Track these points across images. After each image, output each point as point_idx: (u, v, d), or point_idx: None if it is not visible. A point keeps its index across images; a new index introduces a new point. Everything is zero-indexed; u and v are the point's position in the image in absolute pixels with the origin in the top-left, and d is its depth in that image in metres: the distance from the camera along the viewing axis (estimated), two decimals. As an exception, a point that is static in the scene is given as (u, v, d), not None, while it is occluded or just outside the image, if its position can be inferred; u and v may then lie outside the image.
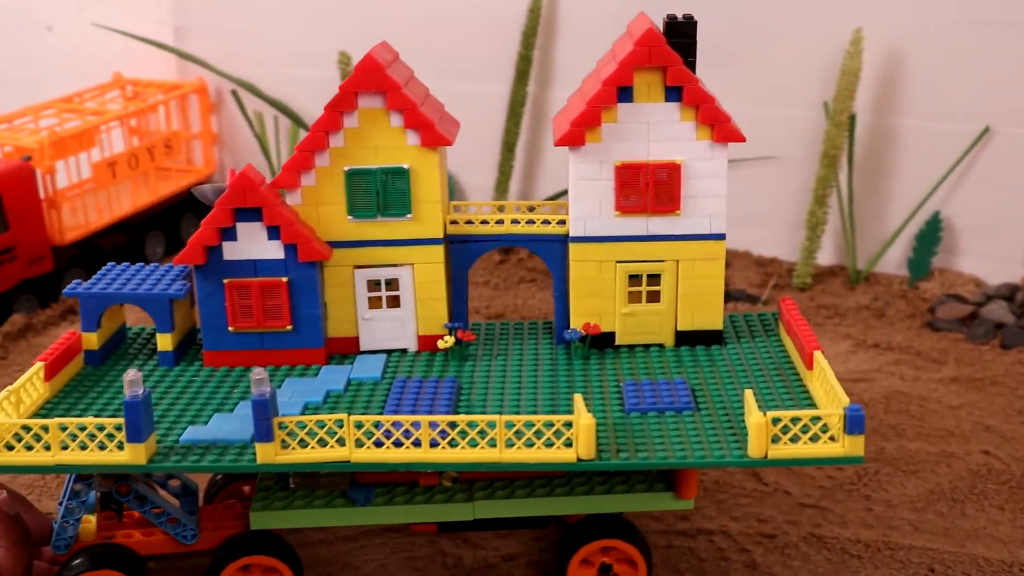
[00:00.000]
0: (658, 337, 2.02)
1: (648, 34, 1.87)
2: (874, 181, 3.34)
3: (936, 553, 2.11)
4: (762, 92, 3.35)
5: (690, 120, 1.91)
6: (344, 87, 1.90)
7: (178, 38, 4.00)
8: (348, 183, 1.94)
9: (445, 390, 1.86)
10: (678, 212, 1.94)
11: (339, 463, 1.68)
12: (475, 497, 1.86)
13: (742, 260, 3.44)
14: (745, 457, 1.66)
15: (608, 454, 1.67)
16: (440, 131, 1.92)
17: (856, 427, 1.63)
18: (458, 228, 2.01)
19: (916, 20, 3.17)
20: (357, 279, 1.99)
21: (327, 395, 1.88)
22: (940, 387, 2.73)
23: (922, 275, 3.28)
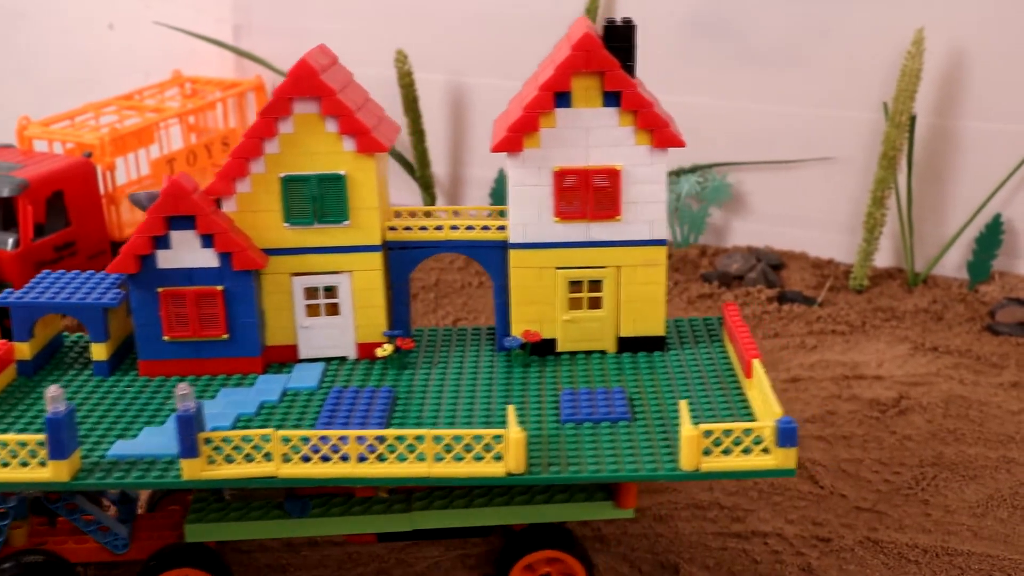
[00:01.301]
0: (600, 344, 1.98)
1: (585, 39, 1.83)
2: (933, 183, 3.29)
3: (996, 560, 2.06)
4: (821, 93, 3.31)
5: (629, 125, 1.87)
6: (278, 93, 1.86)
7: (237, 36, 4.03)
8: (284, 190, 1.90)
9: (380, 401, 1.82)
10: (618, 218, 1.91)
11: (266, 479, 1.64)
12: (413, 507, 1.82)
13: (798, 261, 3.41)
14: (677, 470, 1.62)
15: (539, 467, 1.64)
16: (376, 137, 1.88)
17: (788, 440, 1.59)
18: (397, 235, 1.97)
19: (978, 20, 3.12)
20: (295, 287, 1.95)
21: (260, 406, 1.83)
22: (1000, 392, 2.69)
23: (982, 278, 3.23)
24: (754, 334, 2.98)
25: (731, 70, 3.40)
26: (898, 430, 2.50)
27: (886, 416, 2.56)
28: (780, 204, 3.45)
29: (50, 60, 4.20)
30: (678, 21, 3.43)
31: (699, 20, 3.40)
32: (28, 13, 4.21)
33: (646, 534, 2.13)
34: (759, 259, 3.35)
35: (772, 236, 3.48)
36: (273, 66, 3.90)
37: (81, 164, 3.09)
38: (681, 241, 3.51)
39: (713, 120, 3.46)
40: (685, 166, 3.49)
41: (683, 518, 2.18)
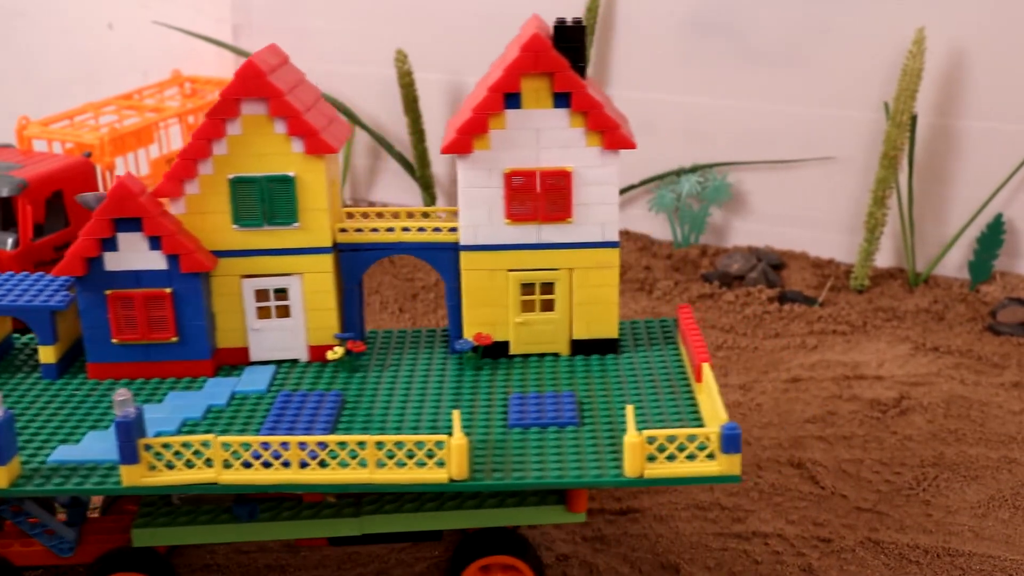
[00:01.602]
0: (553, 346, 1.96)
1: (534, 39, 1.81)
2: (935, 183, 3.28)
3: (997, 561, 2.06)
4: (821, 92, 3.31)
5: (580, 127, 1.85)
6: (225, 94, 1.84)
7: (236, 36, 4.03)
8: (232, 192, 1.88)
9: (328, 406, 1.80)
10: (570, 220, 1.89)
11: (206, 485, 1.62)
12: (363, 512, 1.80)
13: (799, 261, 3.40)
14: (621, 477, 1.60)
15: (483, 474, 1.62)
16: (325, 138, 1.86)
17: (732, 446, 1.57)
18: (348, 236, 1.95)
19: (979, 19, 3.11)
20: (245, 289, 1.93)
21: (208, 410, 1.81)
22: (1001, 392, 2.68)
23: (983, 278, 3.23)
24: (754, 334, 2.98)
25: (732, 70, 3.40)
26: (899, 430, 2.50)
27: (887, 416, 2.55)
28: (781, 204, 3.45)
29: (49, 60, 4.20)
30: (679, 21, 3.43)
31: (700, 20, 3.40)
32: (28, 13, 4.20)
33: (647, 534, 2.13)
34: (760, 259, 3.34)
35: (773, 236, 3.48)
36: (273, 66, 3.90)
37: (81, 164, 3.08)
38: (682, 241, 3.51)
39: (714, 120, 3.45)
40: (686, 166, 3.49)
41: (684, 518, 2.18)
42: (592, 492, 2.25)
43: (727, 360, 2.84)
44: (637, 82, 3.53)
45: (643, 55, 3.51)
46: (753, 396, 2.64)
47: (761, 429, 2.50)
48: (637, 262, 3.41)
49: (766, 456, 2.39)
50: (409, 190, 3.83)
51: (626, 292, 3.26)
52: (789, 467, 2.36)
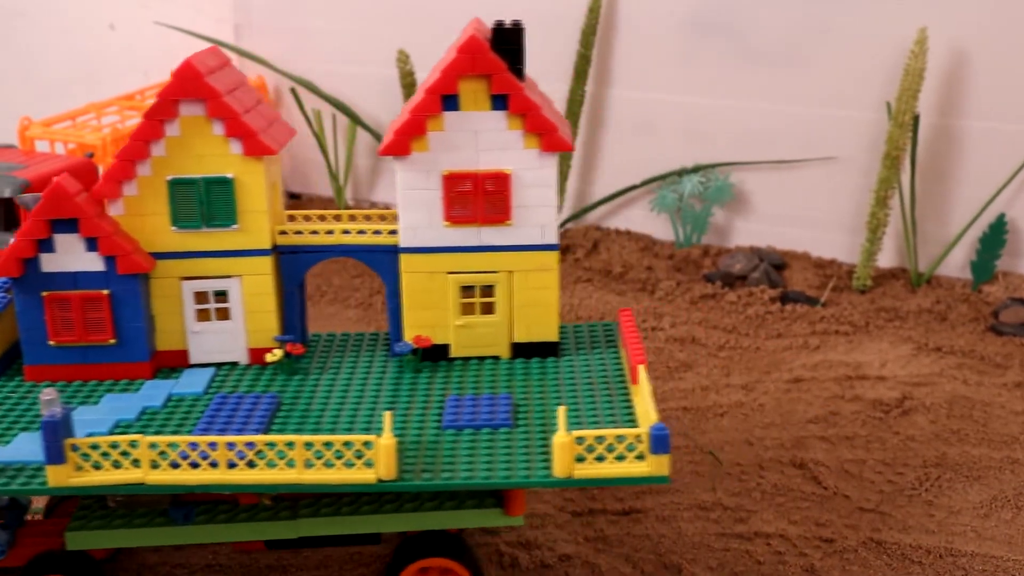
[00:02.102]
0: (493, 349, 1.94)
1: (470, 41, 1.80)
2: (937, 183, 3.27)
3: (999, 561, 2.05)
4: (823, 93, 3.31)
5: (518, 129, 1.83)
6: (162, 95, 1.82)
7: (238, 36, 4.03)
8: (171, 193, 1.86)
9: (262, 407, 1.78)
10: (509, 222, 1.87)
11: (134, 485, 1.60)
12: (300, 515, 1.79)
13: (801, 262, 3.40)
14: (550, 477, 1.59)
15: (412, 474, 1.60)
16: (264, 140, 1.84)
17: (661, 446, 1.56)
18: (288, 239, 1.93)
19: (981, 20, 3.10)
20: (184, 291, 1.91)
21: (142, 412, 1.79)
22: (1004, 392, 2.68)
23: (985, 278, 3.22)
24: (756, 334, 2.98)
25: (733, 70, 3.40)
26: (901, 431, 2.49)
27: (889, 416, 2.55)
28: (783, 204, 3.45)
29: (51, 60, 4.19)
30: (680, 21, 3.42)
31: (701, 20, 3.39)
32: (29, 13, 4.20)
33: (649, 535, 2.13)
34: (762, 259, 3.34)
35: (775, 236, 3.47)
36: (274, 65, 3.90)
37: (83, 164, 3.08)
38: (684, 241, 3.51)
39: (715, 120, 3.45)
40: (687, 166, 3.49)
41: (686, 519, 2.17)
42: (593, 493, 2.25)
43: (729, 360, 2.84)
44: (639, 82, 3.53)
45: (645, 55, 3.50)
46: (755, 396, 2.64)
47: (763, 429, 2.50)
48: (639, 262, 3.41)
49: (768, 456, 2.39)
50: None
51: (628, 293, 3.26)
52: (791, 467, 2.35)
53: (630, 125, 3.57)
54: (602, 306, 3.14)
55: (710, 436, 2.47)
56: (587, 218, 3.72)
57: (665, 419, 2.52)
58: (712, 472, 2.33)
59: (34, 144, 3.29)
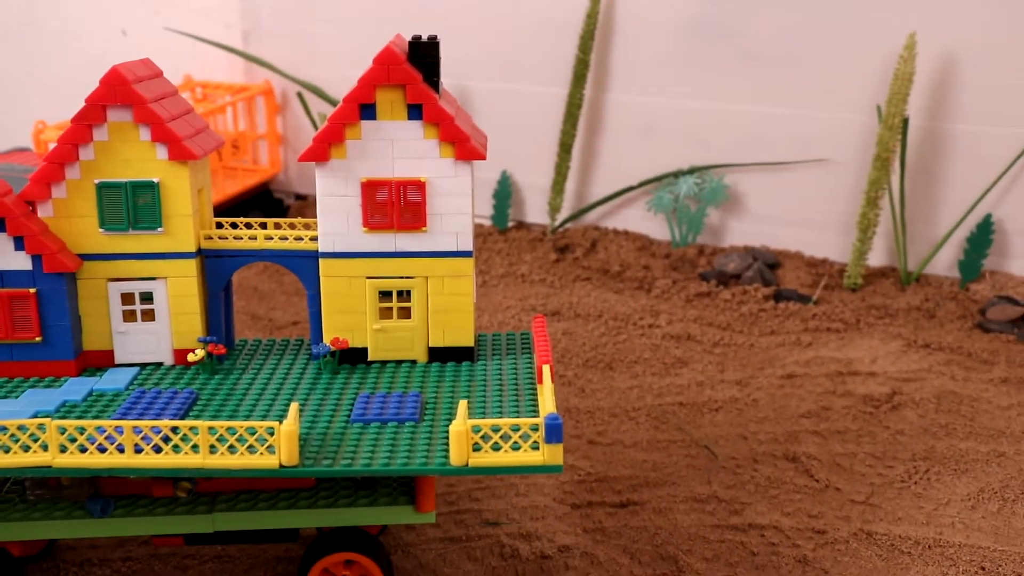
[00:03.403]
0: (411, 353, 1.96)
1: (385, 53, 1.82)
2: (926, 184, 3.29)
3: (986, 552, 2.07)
4: (816, 95, 3.32)
5: (433, 138, 1.86)
6: (90, 100, 1.84)
7: (246, 42, 4.04)
8: (99, 196, 1.87)
9: (178, 401, 1.79)
10: (424, 229, 1.89)
11: (40, 468, 1.61)
12: (216, 509, 1.80)
13: (793, 261, 3.41)
14: (447, 465, 1.61)
15: (314, 461, 1.62)
16: (188, 146, 1.85)
17: (554, 436, 1.58)
18: (213, 243, 1.94)
19: (969, 25, 3.12)
20: (111, 292, 1.91)
21: (61, 405, 1.79)
22: (991, 387, 2.70)
23: (973, 277, 3.24)
24: (750, 331, 2.99)
25: (727, 73, 3.41)
26: (891, 425, 2.51)
27: (879, 411, 2.56)
28: (776, 205, 3.46)
29: (65, 66, 4.21)
30: (676, 25, 3.43)
31: (697, 25, 3.40)
32: (44, 21, 4.21)
33: (646, 527, 2.14)
34: (756, 258, 3.35)
35: (768, 236, 3.48)
36: (281, 70, 3.91)
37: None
38: (680, 241, 3.52)
39: (710, 122, 3.46)
40: (683, 167, 3.50)
41: (682, 511, 2.19)
42: (592, 486, 2.26)
43: (724, 357, 2.85)
44: (636, 86, 3.54)
45: (642, 59, 3.51)
46: (749, 392, 2.65)
47: (757, 424, 2.51)
48: (636, 261, 3.42)
49: (762, 450, 2.40)
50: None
51: (625, 291, 3.27)
52: (784, 461, 2.36)
53: (627, 128, 3.58)
54: (600, 304, 3.15)
55: (705, 431, 2.48)
56: (586, 218, 3.73)
57: (662, 414, 2.54)
58: (707, 466, 2.34)
59: (48, 147, 3.30)
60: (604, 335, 2.96)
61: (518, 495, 2.24)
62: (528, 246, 3.59)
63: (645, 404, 2.59)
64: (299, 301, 3.26)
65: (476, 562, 2.05)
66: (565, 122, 3.56)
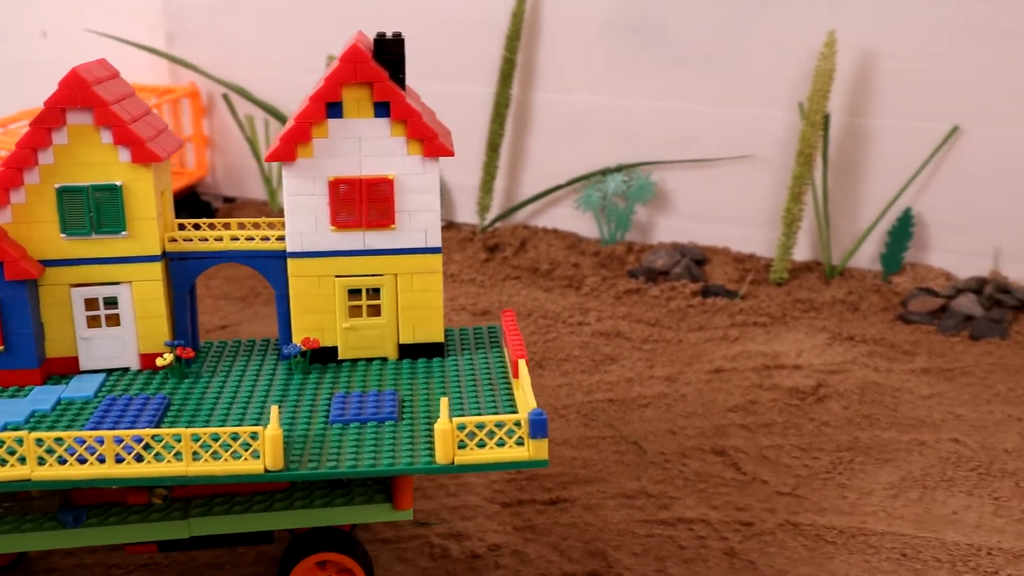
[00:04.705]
0: (381, 351, 1.95)
1: (352, 50, 1.81)
2: (848, 179, 3.34)
3: (908, 539, 2.10)
4: (740, 93, 3.35)
5: (400, 135, 1.85)
6: (49, 103, 1.81)
7: (170, 43, 3.98)
8: (60, 201, 1.83)
9: (152, 407, 1.77)
10: (393, 226, 1.88)
11: (20, 482, 1.58)
12: (191, 514, 1.77)
13: (721, 256, 3.44)
14: (433, 463, 1.61)
15: (298, 464, 1.61)
16: (151, 148, 1.83)
17: (539, 431, 1.59)
18: (177, 245, 1.92)
19: (887, 23, 3.17)
20: (74, 298, 1.88)
21: (31, 415, 1.75)
22: (912, 377, 2.74)
23: (894, 270, 3.29)
24: (679, 327, 3.02)
25: (655, 71, 3.43)
26: (816, 417, 2.54)
27: (805, 403, 2.60)
28: (703, 201, 3.49)
29: (-17, 68, 4.13)
30: (602, 25, 3.45)
31: (623, 23, 3.42)
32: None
33: (576, 523, 2.15)
34: (683, 254, 3.38)
35: (695, 232, 3.51)
36: (206, 72, 3.87)
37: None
38: (608, 238, 3.54)
39: (637, 120, 3.48)
40: (611, 165, 3.52)
41: (611, 507, 2.20)
42: (522, 484, 2.26)
43: (653, 353, 2.87)
44: (563, 85, 3.55)
45: (568, 58, 3.52)
46: (678, 387, 2.67)
47: (686, 419, 2.53)
48: (566, 259, 3.44)
49: (691, 445, 2.42)
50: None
51: (555, 289, 3.28)
52: (712, 455, 2.39)
53: (555, 127, 3.60)
54: (530, 302, 3.16)
55: (635, 427, 2.50)
56: (515, 217, 3.74)
57: (591, 411, 2.55)
58: (637, 461, 2.36)
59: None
60: (534, 333, 2.97)
61: (448, 495, 2.24)
62: (458, 246, 3.59)
63: (575, 401, 2.60)
64: (226, 305, 3.22)
65: (406, 563, 2.04)
66: (493, 121, 3.56)
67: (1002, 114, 3.09)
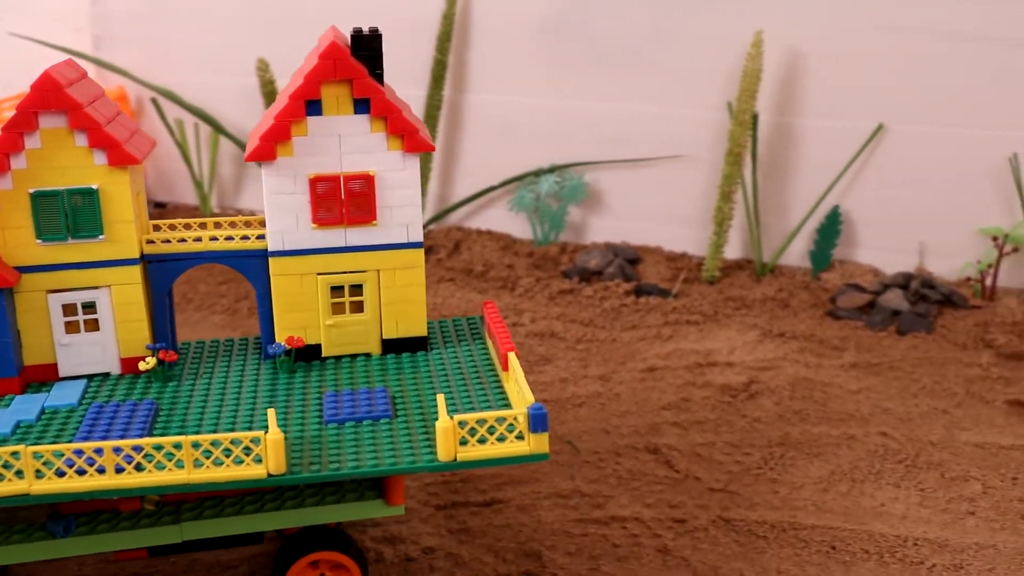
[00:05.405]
0: (364, 347, 1.96)
1: (331, 47, 1.82)
2: (777, 178, 3.37)
3: (837, 531, 2.12)
4: (671, 93, 3.37)
5: (380, 131, 1.86)
6: (21, 107, 1.78)
7: (97, 47, 3.93)
8: (34, 206, 1.81)
9: (141, 413, 1.75)
10: (374, 222, 1.89)
11: (18, 497, 1.55)
12: (183, 518, 1.76)
13: (653, 255, 3.47)
14: (435, 461, 1.61)
15: (300, 467, 1.61)
16: (128, 150, 1.81)
17: (539, 425, 1.60)
18: (156, 247, 1.90)
19: (813, 24, 3.19)
20: (51, 304, 1.86)
21: (16, 426, 1.73)
22: (841, 373, 2.78)
23: (823, 267, 3.33)
24: (612, 326, 3.03)
25: (586, 72, 3.45)
26: (748, 413, 2.57)
27: (737, 400, 2.62)
28: (635, 201, 3.51)
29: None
30: (532, 26, 3.46)
31: (553, 25, 3.43)
32: None
33: (510, 524, 2.15)
34: (616, 254, 3.40)
35: (628, 232, 3.53)
36: (134, 76, 3.82)
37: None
38: (542, 239, 3.55)
39: (569, 121, 3.50)
40: (544, 166, 3.53)
41: (545, 507, 2.20)
42: (456, 487, 2.26)
43: (587, 352, 2.88)
44: (495, 86, 3.56)
45: (500, 60, 3.53)
46: (612, 386, 2.69)
47: (619, 418, 2.54)
48: (500, 260, 3.44)
49: (624, 443, 2.43)
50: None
51: (490, 290, 3.28)
52: (646, 453, 2.40)
53: (488, 128, 3.60)
54: (464, 304, 3.16)
55: (569, 426, 2.50)
56: (448, 219, 3.73)
57: (525, 412, 2.55)
58: (571, 461, 2.37)
59: None
60: (468, 335, 2.97)
61: (383, 499, 2.23)
62: (392, 248, 3.58)
63: (509, 402, 2.61)
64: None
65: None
66: (425, 123, 3.56)
67: (925, 112, 3.15)
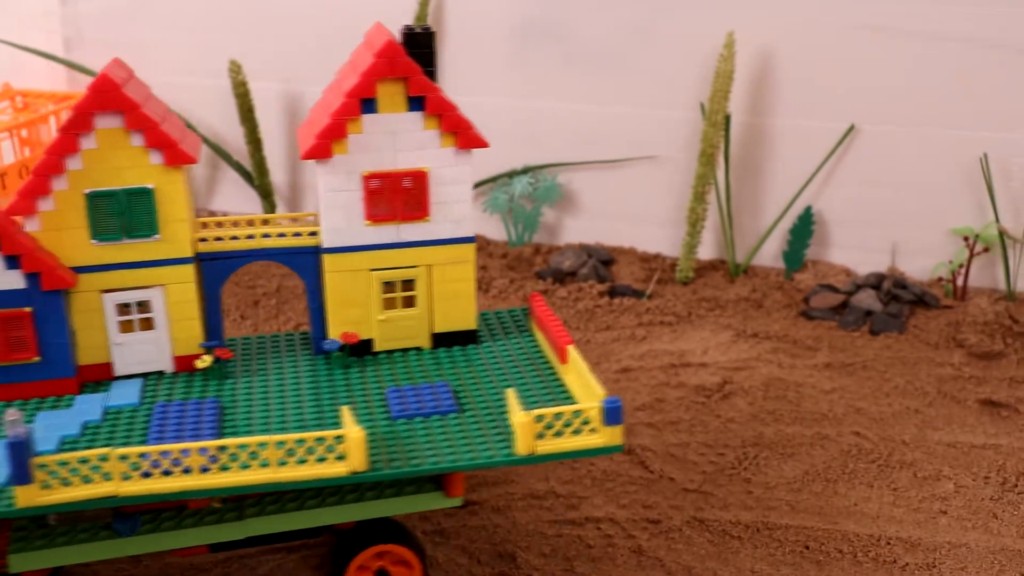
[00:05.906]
0: (415, 341, 1.98)
1: (388, 46, 1.83)
2: (749, 178, 3.38)
3: (811, 531, 2.13)
4: (643, 94, 3.37)
5: (434, 128, 1.88)
6: (78, 108, 1.78)
7: (68, 49, 3.90)
8: (90, 206, 1.82)
9: (208, 412, 1.77)
10: (427, 218, 1.91)
11: (106, 499, 1.57)
12: (246, 515, 1.78)
13: (627, 256, 3.47)
14: (513, 455, 1.65)
15: (381, 464, 1.63)
16: (184, 149, 1.83)
17: (614, 418, 1.64)
18: (208, 246, 1.92)
19: (785, 25, 3.21)
20: (106, 304, 1.87)
21: (84, 427, 1.74)
22: (815, 373, 2.79)
23: (796, 267, 3.34)
24: (587, 327, 3.03)
25: (559, 73, 3.44)
26: (722, 413, 2.57)
27: (711, 401, 2.63)
28: (609, 202, 3.51)
29: None
30: (507, 26, 3.45)
31: (527, 26, 3.43)
32: None
33: (484, 525, 2.14)
34: (590, 255, 3.40)
35: (602, 233, 3.53)
36: (106, 78, 3.79)
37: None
38: (516, 240, 3.54)
39: (543, 122, 3.49)
40: (517, 167, 3.52)
41: (520, 508, 2.20)
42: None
43: (561, 354, 2.88)
44: (468, 87, 3.55)
45: (473, 60, 3.52)
46: (585, 387, 2.68)
47: (593, 418, 2.54)
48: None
49: (598, 444, 2.43)
50: (248, 199, 3.77)
51: (464, 292, 3.27)
52: (620, 454, 2.40)
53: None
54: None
55: (543, 427, 2.50)
56: (423, 221, 3.72)
57: (499, 413, 2.54)
58: (545, 462, 2.37)
59: None
60: (442, 337, 2.96)
61: (356, 501, 2.22)
62: (366, 250, 3.57)
63: (483, 404, 2.60)
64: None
65: (313, 570, 2.02)
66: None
67: (897, 113, 3.16)
